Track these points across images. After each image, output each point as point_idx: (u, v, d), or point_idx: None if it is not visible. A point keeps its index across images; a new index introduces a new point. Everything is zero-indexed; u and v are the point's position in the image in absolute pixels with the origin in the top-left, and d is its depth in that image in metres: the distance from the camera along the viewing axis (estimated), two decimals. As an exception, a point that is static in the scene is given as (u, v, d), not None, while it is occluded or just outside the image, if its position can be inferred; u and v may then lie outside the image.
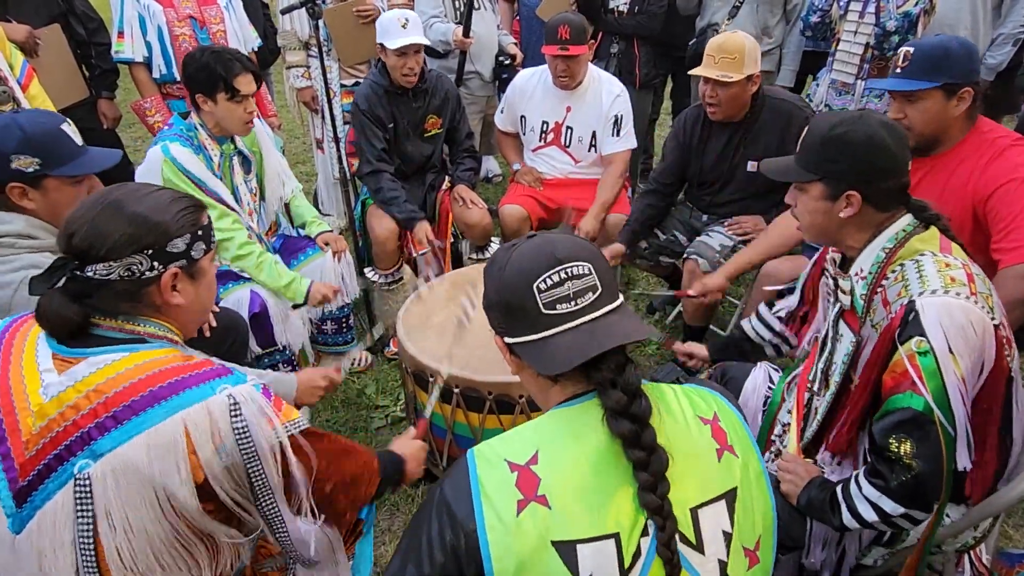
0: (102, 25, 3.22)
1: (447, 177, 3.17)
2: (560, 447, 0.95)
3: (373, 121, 2.88)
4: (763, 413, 1.79)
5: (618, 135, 3.09)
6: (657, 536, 0.91)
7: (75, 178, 1.57)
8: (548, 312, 0.97)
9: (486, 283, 1.06)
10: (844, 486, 1.39)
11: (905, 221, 1.41)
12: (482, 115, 3.93)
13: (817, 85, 3.18)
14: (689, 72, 2.68)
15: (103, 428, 1.00)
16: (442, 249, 2.98)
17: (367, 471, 1.31)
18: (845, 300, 1.49)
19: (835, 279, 1.53)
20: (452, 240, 3.17)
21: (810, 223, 1.49)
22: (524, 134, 3.26)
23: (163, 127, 2.95)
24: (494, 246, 3.19)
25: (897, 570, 1.56)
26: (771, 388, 1.81)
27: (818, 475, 1.50)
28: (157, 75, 3.05)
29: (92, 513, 1.00)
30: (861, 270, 1.45)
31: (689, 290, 2.48)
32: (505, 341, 1.04)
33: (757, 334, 1.94)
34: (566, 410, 0.99)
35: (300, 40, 3.45)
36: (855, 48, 2.92)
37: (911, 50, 1.84)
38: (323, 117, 3.52)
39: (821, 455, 1.57)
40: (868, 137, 1.36)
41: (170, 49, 3.00)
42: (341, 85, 3.54)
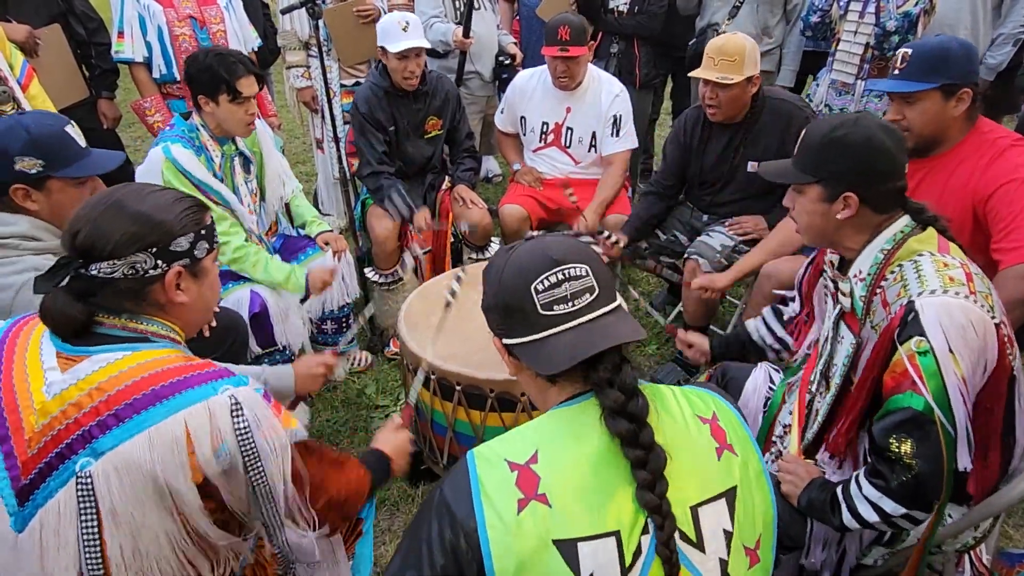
0: (102, 25, 3.22)
1: (447, 177, 3.17)
2: (560, 446, 0.95)
3: (373, 124, 2.88)
4: (763, 414, 1.79)
5: (618, 135, 3.09)
6: (656, 534, 0.91)
7: (79, 180, 1.58)
8: (546, 313, 0.97)
9: (485, 286, 1.07)
10: (844, 487, 1.39)
11: (903, 222, 1.42)
12: (482, 115, 3.93)
13: (817, 85, 3.18)
14: (689, 74, 2.69)
15: (104, 426, 1.00)
16: (443, 232, 3.01)
17: (359, 488, 1.30)
18: (845, 302, 1.49)
19: (834, 281, 1.53)
20: (452, 240, 3.16)
21: (808, 224, 1.50)
22: (524, 135, 3.26)
23: (163, 127, 2.95)
24: (494, 246, 3.19)
25: (897, 570, 1.56)
26: (772, 389, 1.81)
27: (819, 476, 1.50)
28: (157, 75, 3.05)
29: (96, 511, 1.00)
30: (860, 272, 1.45)
31: (694, 281, 2.47)
32: (504, 342, 1.05)
33: (760, 337, 1.94)
34: (565, 410, 0.99)
35: (300, 40, 3.45)
36: (855, 48, 2.92)
37: (909, 51, 1.84)
38: (323, 117, 3.52)
39: (821, 456, 1.57)
40: (866, 139, 1.37)
41: (170, 49, 3.00)
42: (341, 85, 3.54)
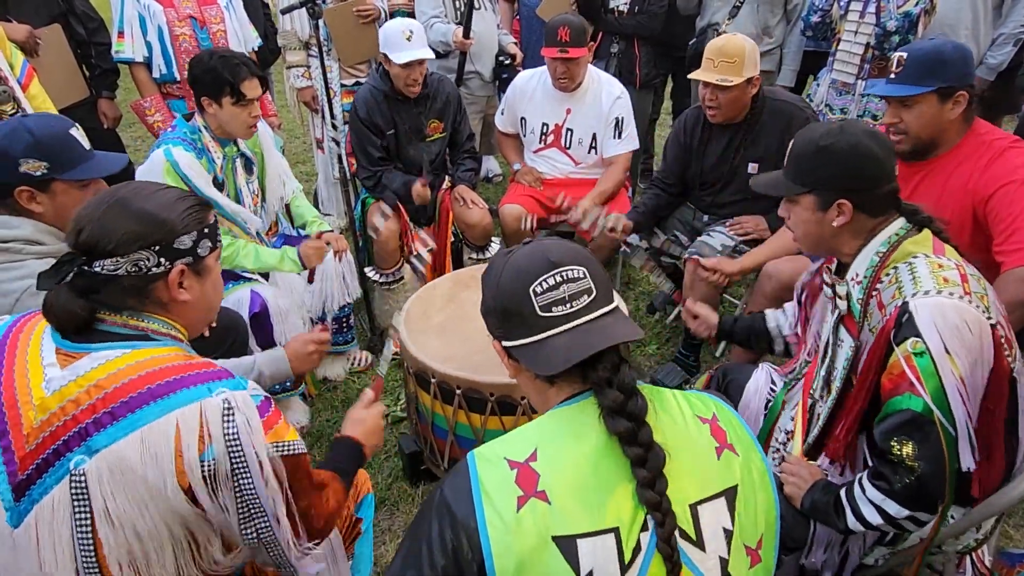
0: (102, 25, 3.22)
1: (447, 177, 3.17)
2: (559, 445, 0.96)
3: (371, 129, 2.88)
4: (764, 416, 1.79)
5: (620, 137, 3.10)
6: (657, 532, 0.91)
7: (83, 182, 1.58)
8: (544, 315, 0.98)
9: (484, 289, 1.08)
10: (848, 489, 1.40)
11: (898, 225, 1.44)
12: (482, 115, 3.92)
13: (818, 85, 3.18)
14: (688, 76, 2.69)
15: (99, 424, 1.00)
16: (443, 232, 3.02)
17: (337, 507, 1.29)
18: (842, 305, 1.50)
19: (832, 285, 1.54)
20: (452, 240, 3.16)
21: (804, 233, 1.52)
22: (524, 136, 3.26)
23: (163, 127, 2.96)
24: (494, 246, 3.19)
25: (898, 569, 1.56)
26: (772, 391, 1.81)
27: (821, 478, 1.50)
28: (157, 75, 3.05)
29: (90, 509, 1.00)
30: (857, 275, 1.47)
31: (705, 261, 2.45)
32: (503, 345, 1.05)
33: (777, 326, 1.92)
34: (564, 409, 1.00)
35: (300, 40, 3.45)
36: (855, 48, 2.92)
37: (904, 55, 1.85)
38: (323, 117, 3.52)
39: (822, 461, 1.57)
40: (853, 146, 1.39)
41: (170, 49, 2.99)
42: (341, 85, 3.54)
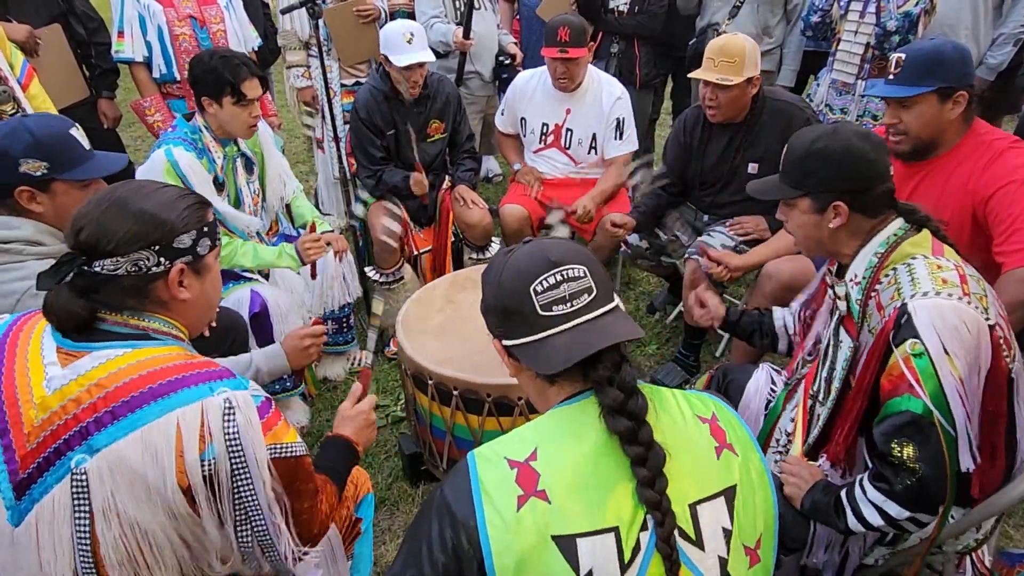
0: (102, 25, 3.22)
1: (448, 177, 3.17)
2: (559, 444, 0.96)
3: (371, 130, 2.88)
4: (764, 417, 1.79)
5: (621, 138, 3.10)
6: (656, 531, 0.91)
7: (83, 182, 1.58)
8: (545, 314, 0.98)
9: (484, 288, 1.08)
10: (848, 490, 1.40)
11: (896, 225, 1.44)
12: (482, 115, 3.92)
13: (818, 85, 3.18)
14: (689, 75, 2.68)
15: (100, 423, 1.00)
16: (443, 231, 3.03)
17: (330, 511, 1.29)
18: (841, 306, 1.51)
19: (832, 286, 1.55)
20: (453, 240, 3.16)
21: (803, 236, 1.53)
22: (524, 136, 3.26)
23: (163, 126, 2.96)
24: (495, 246, 3.19)
25: (898, 569, 1.56)
26: (773, 391, 1.81)
27: (821, 478, 1.50)
28: (157, 75, 3.05)
29: (90, 509, 1.00)
30: (855, 276, 1.47)
31: (711, 251, 2.45)
32: (503, 344, 1.05)
33: (784, 326, 1.92)
34: (564, 409, 1.00)
35: (300, 40, 3.45)
36: (856, 48, 2.92)
37: (903, 56, 1.85)
38: (323, 117, 3.52)
39: (822, 464, 1.57)
40: (846, 148, 1.40)
41: (170, 49, 2.99)
42: (341, 85, 3.54)
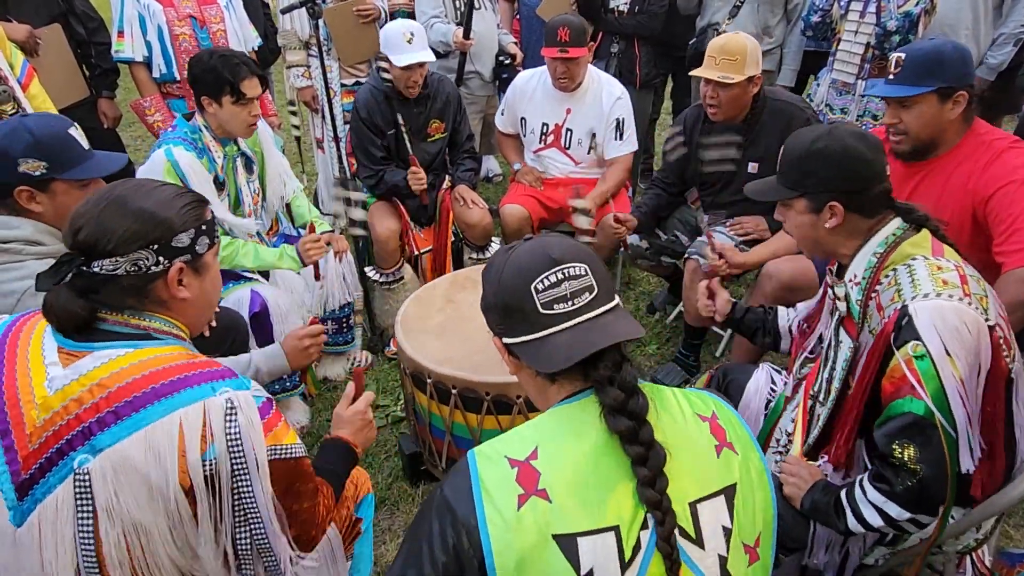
0: (102, 25, 3.22)
1: (448, 177, 3.17)
2: (560, 443, 0.95)
3: (372, 130, 2.88)
4: (765, 416, 1.79)
5: (622, 139, 3.09)
6: (657, 530, 0.91)
7: (82, 182, 1.58)
8: (546, 312, 0.98)
9: (485, 286, 1.07)
10: (848, 491, 1.39)
11: (895, 225, 1.44)
12: (482, 115, 3.92)
13: (818, 85, 3.18)
14: (690, 73, 2.68)
15: (103, 423, 1.00)
16: (443, 231, 3.02)
17: (327, 514, 1.29)
18: (841, 306, 1.51)
19: (832, 286, 1.55)
20: (453, 240, 3.16)
21: (801, 237, 1.54)
22: (524, 136, 3.26)
23: (163, 126, 2.96)
24: (495, 246, 3.18)
25: (899, 569, 1.56)
26: (773, 391, 1.81)
27: (821, 478, 1.50)
28: (157, 74, 3.05)
29: (92, 509, 1.00)
30: (855, 276, 1.47)
31: (715, 243, 2.44)
32: (504, 342, 1.05)
33: (788, 325, 1.93)
34: (565, 408, 1.00)
35: (300, 40, 3.45)
36: (856, 48, 2.92)
37: (903, 56, 1.85)
38: (323, 116, 3.52)
39: (823, 466, 1.57)
40: (842, 149, 1.41)
41: (170, 49, 3.00)
42: (341, 84, 3.54)
